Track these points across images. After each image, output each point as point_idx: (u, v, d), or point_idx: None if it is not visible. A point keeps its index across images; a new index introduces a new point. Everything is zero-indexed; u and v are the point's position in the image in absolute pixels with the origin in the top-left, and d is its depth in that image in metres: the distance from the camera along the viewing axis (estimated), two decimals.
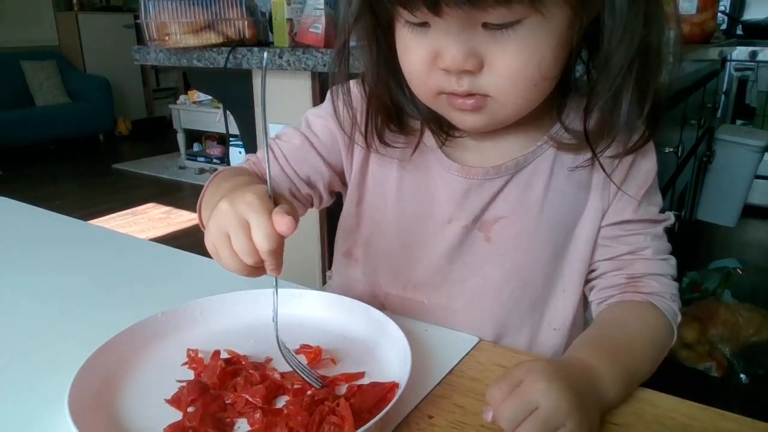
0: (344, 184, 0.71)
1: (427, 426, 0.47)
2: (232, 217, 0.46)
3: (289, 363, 0.51)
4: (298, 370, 0.51)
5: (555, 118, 0.60)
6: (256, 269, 0.47)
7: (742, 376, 1.80)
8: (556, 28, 0.50)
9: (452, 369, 0.54)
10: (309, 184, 0.68)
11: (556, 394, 0.43)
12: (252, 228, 0.45)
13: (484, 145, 0.63)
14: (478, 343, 0.59)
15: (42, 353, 0.59)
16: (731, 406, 0.48)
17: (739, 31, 3.33)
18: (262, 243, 0.44)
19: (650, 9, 0.51)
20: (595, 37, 0.53)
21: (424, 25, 0.51)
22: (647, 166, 0.62)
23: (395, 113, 0.62)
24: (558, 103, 0.60)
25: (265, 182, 0.57)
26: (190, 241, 3.33)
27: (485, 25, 0.48)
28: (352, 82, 0.64)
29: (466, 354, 0.57)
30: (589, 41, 0.54)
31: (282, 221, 0.44)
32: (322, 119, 0.68)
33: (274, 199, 0.48)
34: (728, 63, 3.02)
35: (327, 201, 0.72)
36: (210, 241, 0.48)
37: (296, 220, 0.45)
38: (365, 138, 0.63)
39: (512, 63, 0.50)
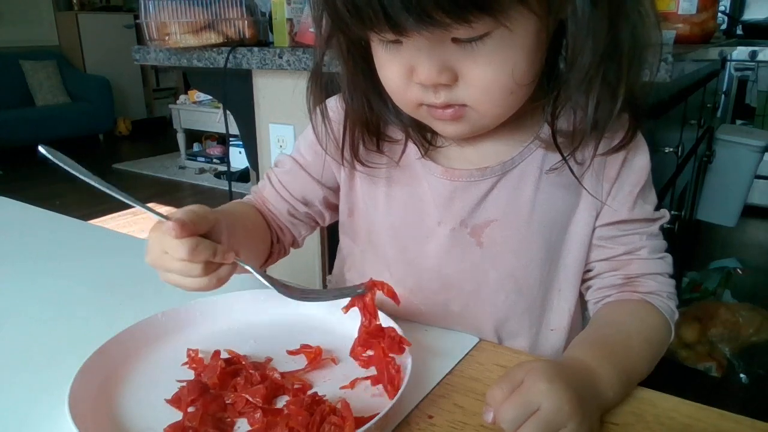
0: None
1: (427, 426, 0.47)
2: (158, 260, 0.53)
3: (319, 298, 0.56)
4: (337, 296, 0.56)
5: (542, 119, 0.60)
6: (218, 271, 0.53)
7: (742, 376, 1.80)
8: (525, 37, 0.50)
9: (452, 369, 0.55)
10: (305, 203, 0.71)
11: (557, 395, 0.43)
12: (169, 251, 0.51)
13: (467, 149, 0.63)
14: (478, 343, 0.59)
15: (42, 353, 0.59)
16: (731, 406, 0.48)
17: (739, 31, 3.33)
18: (179, 252, 0.50)
19: (619, 10, 0.51)
20: (562, 43, 0.53)
21: (396, 41, 0.51)
22: (640, 163, 0.62)
23: (374, 127, 0.63)
24: (543, 103, 0.59)
25: (266, 211, 0.71)
26: None
27: (455, 40, 0.49)
28: (333, 99, 0.65)
29: (466, 354, 0.57)
30: (558, 45, 0.54)
31: (168, 227, 0.50)
32: (307, 141, 0.70)
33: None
34: (728, 63, 3.02)
35: (330, 217, 0.74)
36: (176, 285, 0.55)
37: (186, 222, 0.50)
38: (342, 154, 0.65)
39: (485, 74, 0.50)
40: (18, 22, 5.70)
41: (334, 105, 0.65)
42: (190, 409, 0.48)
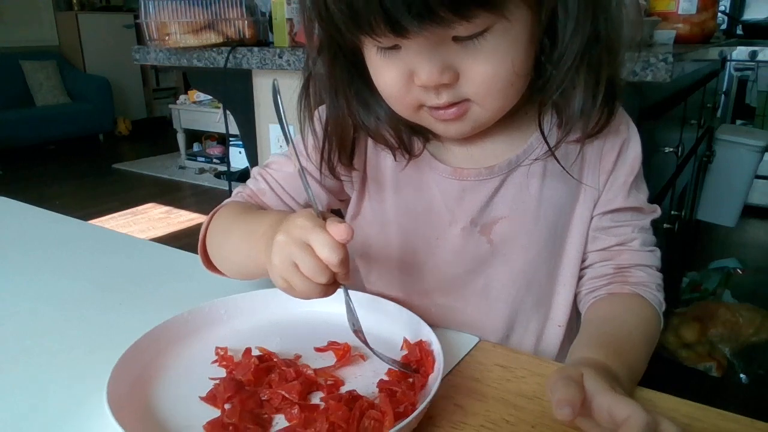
0: (341, 201, 0.71)
1: (428, 426, 0.47)
2: (293, 245, 0.47)
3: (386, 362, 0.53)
4: (396, 367, 0.53)
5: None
6: (330, 286, 0.48)
7: (742, 376, 1.80)
8: (522, 29, 0.50)
9: (452, 369, 0.55)
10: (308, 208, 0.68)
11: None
12: (315, 247, 0.46)
13: (473, 148, 0.63)
14: (478, 343, 0.59)
15: (41, 353, 0.59)
16: (731, 406, 0.48)
17: (739, 31, 3.32)
18: (330, 256, 0.45)
19: (600, 1, 0.52)
20: (553, 33, 0.54)
21: (394, 47, 0.51)
22: (633, 154, 0.64)
23: (349, 140, 0.63)
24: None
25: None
26: (190, 240, 3.31)
27: (455, 39, 0.49)
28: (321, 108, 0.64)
29: (466, 354, 0.57)
30: (549, 36, 0.55)
31: (339, 230, 0.45)
32: (311, 143, 0.67)
33: (321, 215, 0.49)
34: (728, 63, 3.02)
35: None
36: (278, 276, 0.48)
37: (350, 227, 0.46)
38: (321, 163, 0.63)
39: (487, 69, 0.51)
40: (18, 22, 5.69)
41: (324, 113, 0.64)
42: (227, 406, 0.48)
